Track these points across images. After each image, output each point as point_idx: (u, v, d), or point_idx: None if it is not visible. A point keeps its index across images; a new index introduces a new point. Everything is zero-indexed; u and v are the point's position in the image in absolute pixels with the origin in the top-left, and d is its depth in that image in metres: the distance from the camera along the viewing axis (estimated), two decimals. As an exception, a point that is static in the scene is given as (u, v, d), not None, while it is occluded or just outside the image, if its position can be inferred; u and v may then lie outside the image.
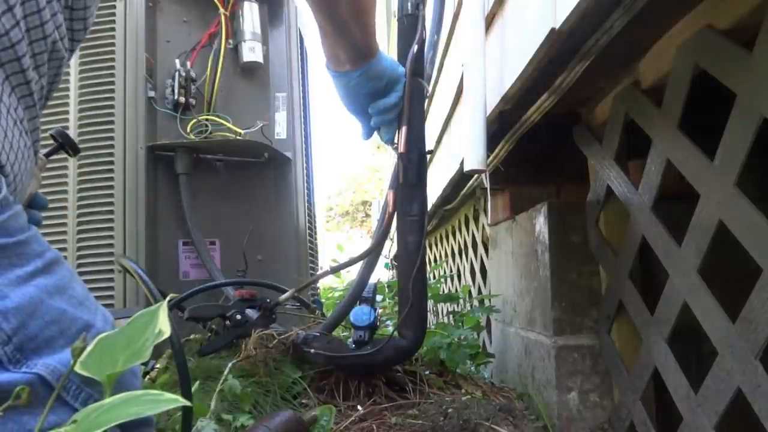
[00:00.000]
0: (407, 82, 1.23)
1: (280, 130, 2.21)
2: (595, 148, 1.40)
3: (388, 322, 2.22)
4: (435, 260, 4.00)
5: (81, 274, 1.89)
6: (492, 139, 1.57)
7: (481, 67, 1.45)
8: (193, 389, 1.20)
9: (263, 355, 1.45)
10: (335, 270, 1.66)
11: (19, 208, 0.49)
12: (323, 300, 3.27)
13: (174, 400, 0.38)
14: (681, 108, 1.02)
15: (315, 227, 2.70)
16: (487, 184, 1.82)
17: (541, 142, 1.64)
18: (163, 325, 0.43)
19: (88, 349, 0.41)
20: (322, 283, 3.97)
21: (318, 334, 1.52)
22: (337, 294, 3.77)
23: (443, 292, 3.13)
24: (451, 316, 2.77)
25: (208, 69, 2.08)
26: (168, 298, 0.52)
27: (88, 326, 0.49)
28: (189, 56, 2.08)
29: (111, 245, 1.90)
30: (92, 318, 0.51)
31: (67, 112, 1.95)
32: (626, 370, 1.23)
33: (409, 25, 1.36)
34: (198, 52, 2.10)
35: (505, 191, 1.86)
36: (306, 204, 2.46)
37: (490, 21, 1.56)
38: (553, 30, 1.03)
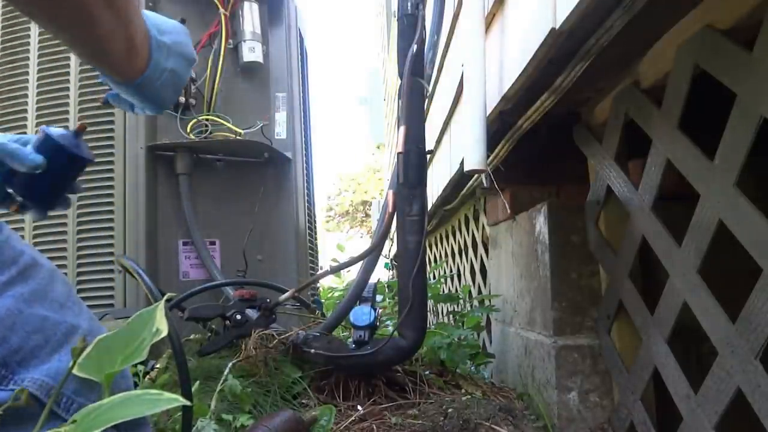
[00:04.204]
0: (406, 82, 1.22)
1: (280, 130, 2.21)
2: (595, 147, 1.40)
3: (388, 322, 2.22)
4: (435, 260, 4.00)
5: (81, 274, 1.89)
6: (492, 139, 1.57)
7: (481, 67, 1.45)
8: (193, 389, 1.20)
9: (263, 355, 1.45)
10: (335, 270, 1.67)
11: None
12: (323, 300, 3.28)
13: (174, 400, 0.38)
14: (681, 108, 1.02)
15: (315, 227, 2.70)
16: (487, 184, 1.82)
17: (541, 142, 1.64)
18: (161, 324, 0.43)
19: (87, 350, 0.41)
20: (322, 283, 3.97)
21: (318, 334, 1.52)
22: (337, 294, 3.77)
23: (443, 292, 3.12)
24: (451, 316, 2.76)
25: (208, 69, 2.08)
26: (165, 297, 0.51)
27: (74, 328, 0.48)
28: (189, 56, 2.08)
29: (111, 245, 1.90)
30: (76, 319, 0.50)
31: (67, 112, 1.95)
32: (626, 370, 1.23)
33: (409, 25, 1.36)
34: (198, 52, 2.10)
35: (505, 191, 1.86)
36: (306, 204, 2.46)
37: (490, 21, 1.56)
38: (553, 30, 1.03)
